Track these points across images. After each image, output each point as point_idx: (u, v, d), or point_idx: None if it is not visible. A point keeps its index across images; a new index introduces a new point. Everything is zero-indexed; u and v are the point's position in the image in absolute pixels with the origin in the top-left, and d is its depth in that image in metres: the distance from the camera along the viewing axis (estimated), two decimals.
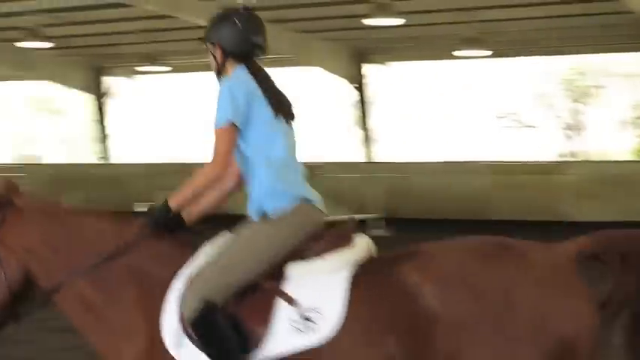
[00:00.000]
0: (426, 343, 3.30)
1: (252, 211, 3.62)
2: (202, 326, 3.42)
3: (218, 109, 3.59)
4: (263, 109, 3.61)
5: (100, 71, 27.09)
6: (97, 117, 27.45)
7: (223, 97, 3.59)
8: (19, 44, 21.41)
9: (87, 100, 27.60)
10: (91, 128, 28.09)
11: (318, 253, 3.50)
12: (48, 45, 21.51)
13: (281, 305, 3.44)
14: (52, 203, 3.95)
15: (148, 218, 3.67)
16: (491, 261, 3.37)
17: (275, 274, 3.50)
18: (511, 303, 3.26)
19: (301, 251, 3.52)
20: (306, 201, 3.59)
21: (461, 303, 3.29)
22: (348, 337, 3.36)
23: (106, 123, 27.49)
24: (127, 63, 26.09)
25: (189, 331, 3.46)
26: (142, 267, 3.62)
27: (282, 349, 3.42)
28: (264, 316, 3.45)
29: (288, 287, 3.48)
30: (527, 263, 3.36)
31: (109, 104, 27.61)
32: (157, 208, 3.66)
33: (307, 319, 3.39)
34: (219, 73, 3.76)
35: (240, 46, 3.71)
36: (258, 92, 3.63)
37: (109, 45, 23.90)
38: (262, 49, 3.76)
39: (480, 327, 3.26)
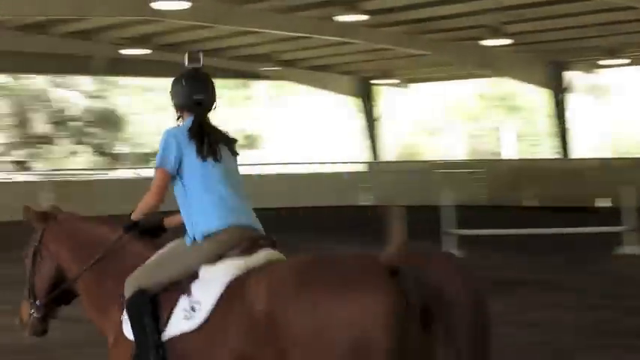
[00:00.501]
0: (264, 340, 3.89)
1: (187, 231, 4.49)
2: (131, 308, 4.32)
3: (158, 153, 4.49)
4: (192, 155, 4.44)
5: (560, 66, 26.93)
6: (554, 112, 27.34)
7: (161, 145, 4.50)
8: (481, 42, 22.04)
9: (544, 95, 27.61)
10: (548, 123, 28.07)
11: (223, 259, 4.30)
12: (507, 42, 21.89)
13: (183, 297, 4.27)
14: (74, 216, 5.07)
15: (127, 226, 4.68)
16: (308, 274, 3.89)
17: (192, 273, 4.35)
18: (319, 308, 3.73)
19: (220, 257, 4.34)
20: (227, 226, 4.37)
21: (283, 310, 3.83)
22: (211, 326, 4.12)
23: (564, 118, 27.27)
24: (587, 57, 25.70)
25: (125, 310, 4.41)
26: (122, 262, 4.62)
27: (175, 330, 4.25)
28: (172, 304, 4.28)
29: (194, 284, 4.28)
30: (336, 275, 3.81)
31: (569, 99, 27.35)
32: (126, 221, 4.69)
33: (192, 308, 4.20)
34: (179, 120, 4.65)
35: (183, 102, 4.57)
36: (187, 141, 4.45)
37: (570, 39, 23.72)
38: (201, 104, 4.55)
39: (296, 329, 3.77)
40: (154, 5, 17.73)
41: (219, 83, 4.95)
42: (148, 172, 34.19)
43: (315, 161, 33.33)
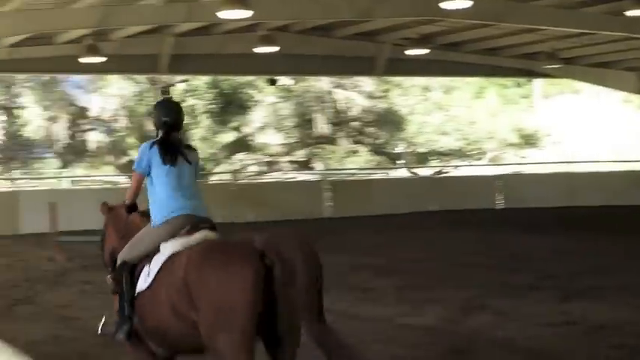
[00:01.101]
0: (184, 296, 5.41)
1: (152, 218, 6.06)
2: (117, 274, 6.03)
3: (135, 162, 6.22)
4: (157, 161, 6.06)
5: None
6: None
7: (138, 153, 6.17)
8: None
9: None
10: None
11: (174, 238, 5.84)
12: None
13: (146, 266, 5.83)
14: (120, 205, 6.53)
15: (128, 209, 6.42)
16: (209, 253, 5.46)
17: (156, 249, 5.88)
18: (211, 276, 5.27)
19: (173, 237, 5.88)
20: (178, 214, 5.96)
21: (191, 276, 5.36)
22: (156, 286, 5.67)
23: None
24: None
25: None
26: (131, 232, 6.26)
27: (138, 289, 5.83)
28: (140, 271, 5.88)
29: (155, 256, 5.80)
30: (226, 254, 5.38)
31: None
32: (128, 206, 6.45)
33: (148, 274, 5.78)
34: (157, 135, 6.25)
35: (156, 121, 6.24)
36: (155, 151, 6.08)
37: None
38: (166, 123, 6.17)
39: (197, 290, 5.31)
40: (442, 5, 17.67)
41: (496, 82, 4.80)
42: (425, 172, 34.49)
43: (599, 159, 32.11)
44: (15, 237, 20.03)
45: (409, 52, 24.04)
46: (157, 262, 5.73)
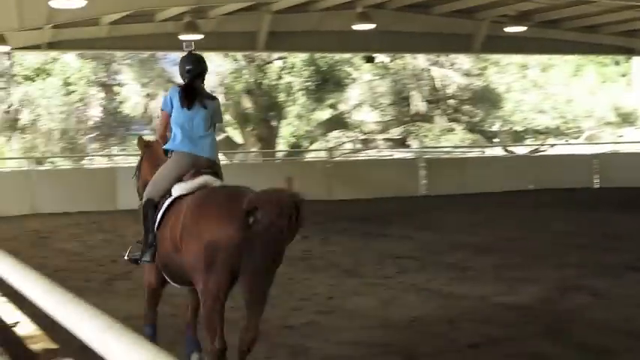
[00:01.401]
0: (185, 230, 6.26)
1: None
2: (143, 209, 6.78)
3: (162, 102, 7.12)
4: (177, 103, 6.86)
5: None
6: None
7: (165, 96, 7.10)
8: None
9: None
10: None
11: (182, 181, 6.68)
12: None
13: (162, 201, 6.71)
14: (158, 143, 7.27)
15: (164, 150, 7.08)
16: (205, 200, 6.27)
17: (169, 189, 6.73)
18: (202, 221, 6.11)
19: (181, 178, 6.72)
20: (185, 150, 6.80)
21: (188, 218, 6.25)
22: (163, 224, 6.58)
23: None
24: None
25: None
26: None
27: (157, 219, 6.66)
28: (160, 207, 6.69)
29: (166, 197, 6.69)
30: (219, 205, 6.16)
31: None
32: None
33: (160, 213, 6.66)
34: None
35: (180, 71, 7.08)
36: (177, 95, 6.90)
37: None
38: (190, 72, 6.99)
39: (192, 229, 6.16)
40: None
41: (594, 59, 4.77)
42: (521, 150, 34.02)
43: None
44: (113, 213, 20.51)
45: (507, 29, 23.74)
46: (166, 203, 6.62)
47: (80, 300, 2.41)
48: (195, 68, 7.01)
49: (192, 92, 6.91)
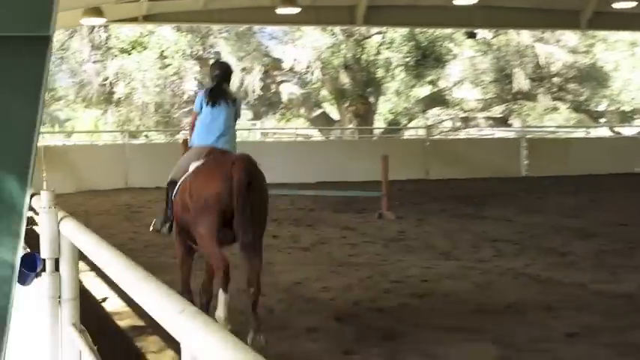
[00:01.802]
0: (188, 197, 7.45)
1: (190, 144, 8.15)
2: (167, 189, 7.91)
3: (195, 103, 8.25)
4: (204, 103, 7.93)
5: None
6: None
7: (197, 97, 8.23)
8: None
9: None
10: None
11: (200, 159, 7.66)
12: None
13: (182, 179, 7.69)
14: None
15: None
16: (201, 168, 7.52)
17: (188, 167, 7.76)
18: (198, 180, 7.39)
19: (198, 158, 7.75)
20: (208, 143, 7.82)
21: (190, 181, 7.50)
22: (178, 194, 7.63)
23: None
24: None
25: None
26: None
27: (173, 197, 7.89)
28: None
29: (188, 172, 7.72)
30: (211, 167, 7.43)
31: None
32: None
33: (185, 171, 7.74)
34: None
35: (210, 75, 8.33)
36: (205, 95, 8.00)
37: None
38: (218, 76, 8.11)
39: (192, 189, 7.38)
40: None
41: None
42: (629, 131, 33.01)
43: None
44: None
45: (616, 5, 22.95)
46: (182, 178, 7.66)
47: (153, 279, 2.27)
48: (222, 73, 8.19)
49: (217, 92, 7.98)
